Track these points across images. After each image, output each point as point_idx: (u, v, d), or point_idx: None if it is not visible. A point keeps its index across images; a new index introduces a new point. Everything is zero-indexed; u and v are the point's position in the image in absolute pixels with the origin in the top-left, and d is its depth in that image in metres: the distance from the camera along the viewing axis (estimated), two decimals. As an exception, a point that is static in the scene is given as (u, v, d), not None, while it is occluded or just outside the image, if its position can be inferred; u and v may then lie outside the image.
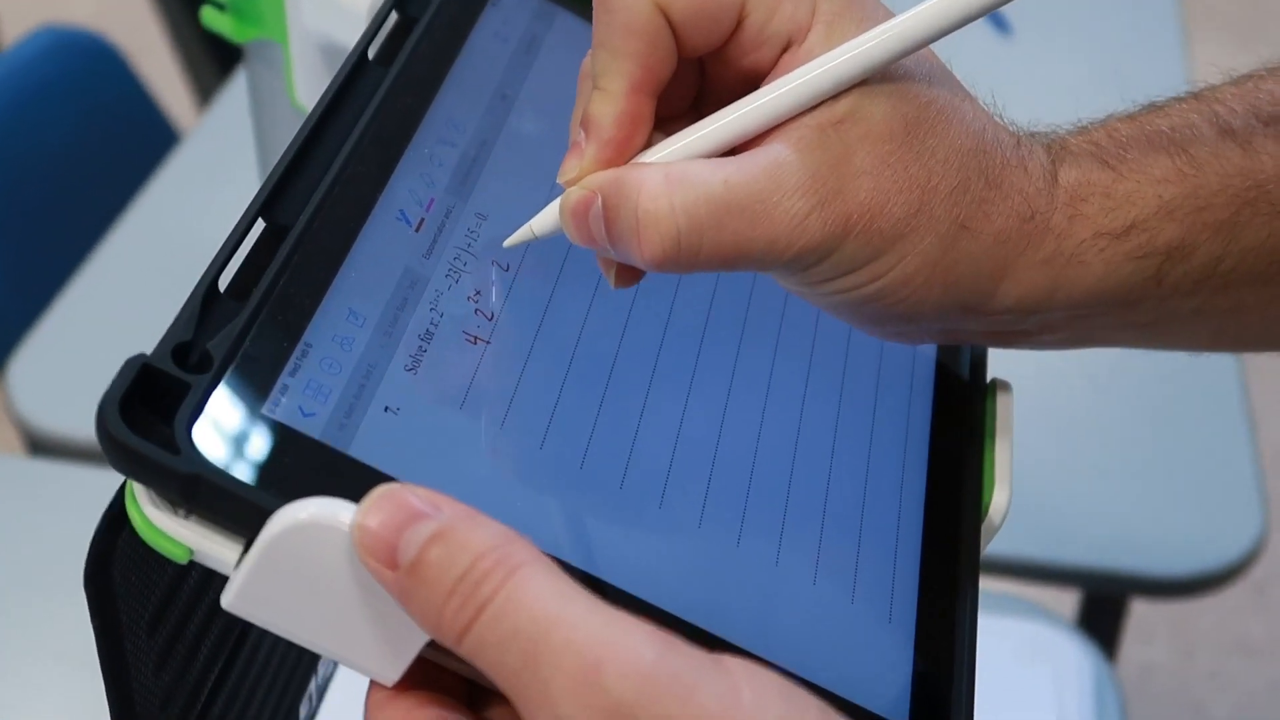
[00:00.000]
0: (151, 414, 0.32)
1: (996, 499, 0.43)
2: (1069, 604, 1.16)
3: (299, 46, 0.77)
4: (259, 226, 0.37)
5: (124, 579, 0.34)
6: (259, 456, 0.33)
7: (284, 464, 0.33)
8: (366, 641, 0.32)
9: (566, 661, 0.28)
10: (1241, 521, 0.94)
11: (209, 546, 0.32)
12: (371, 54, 0.42)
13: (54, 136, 1.23)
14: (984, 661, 0.39)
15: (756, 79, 0.38)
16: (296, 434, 0.33)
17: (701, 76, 0.40)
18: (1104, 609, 1.08)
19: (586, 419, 0.39)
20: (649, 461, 0.39)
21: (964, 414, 0.45)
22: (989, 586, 0.85)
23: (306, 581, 0.31)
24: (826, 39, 0.37)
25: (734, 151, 0.37)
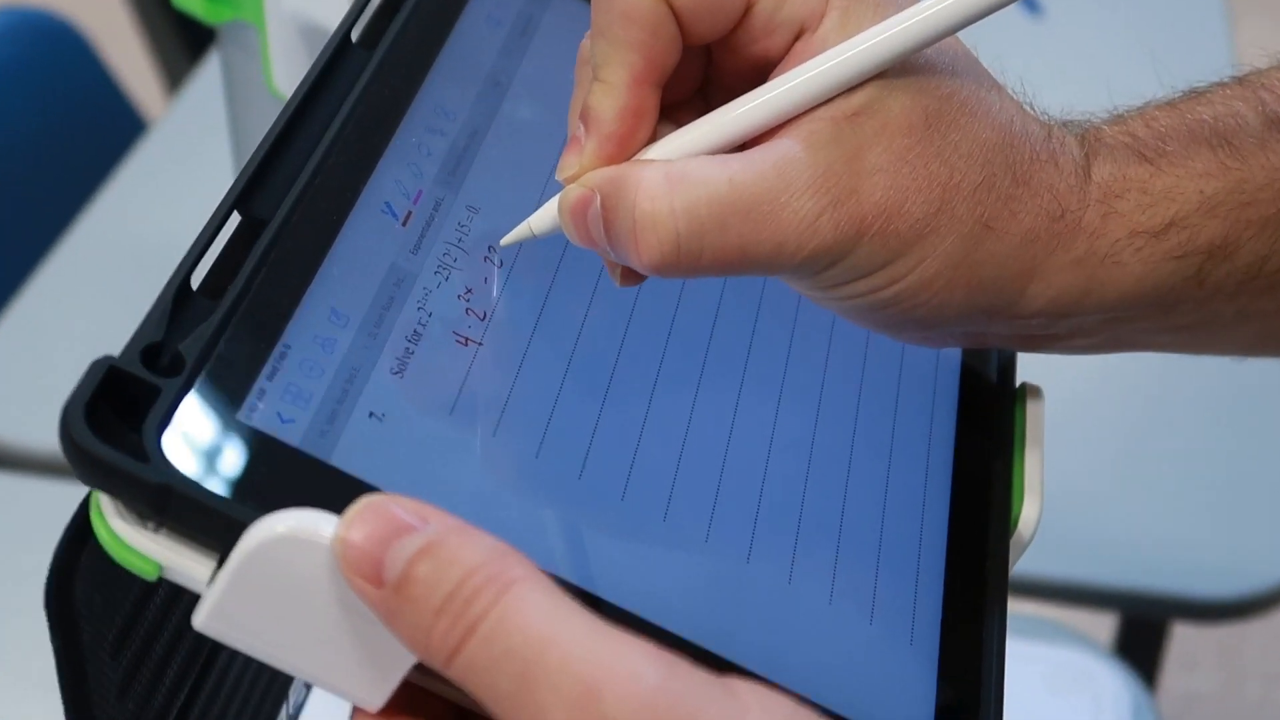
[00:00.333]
0: (119, 420, 0.32)
1: (1026, 512, 0.43)
2: (1106, 628, 1.16)
3: (276, 28, 0.77)
4: (234, 220, 0.37)
5: (87, 597, 0.34)
6: (234, 465, 0.33)
7: (261, 474, 0.33)
8: (349, 664, 0.32)
9: (564, 685, 0.28)
10: (1292, 539, 0.94)
11: (180, 562, 0.32)
12: (355, 36, 0.42)
13: (12, 125, 1.24)
14: (1013, 690, 0.39)
15: (767, 67, 0.38)
16: (274, 441, 0.34)
17: (708, 63, 0.40)
18: (1144, 634, 1.08)
19: (585, 426, 0.39)
20: (652, 471, 0.39)
21: (991, 421, 0.46)
22: (1019, 608, 0.85)
23: (284, 599, 0.31)
24: (842, 26, 0.37)
25: (744, 148, 0.37)
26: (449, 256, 0.40)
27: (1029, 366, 0.47)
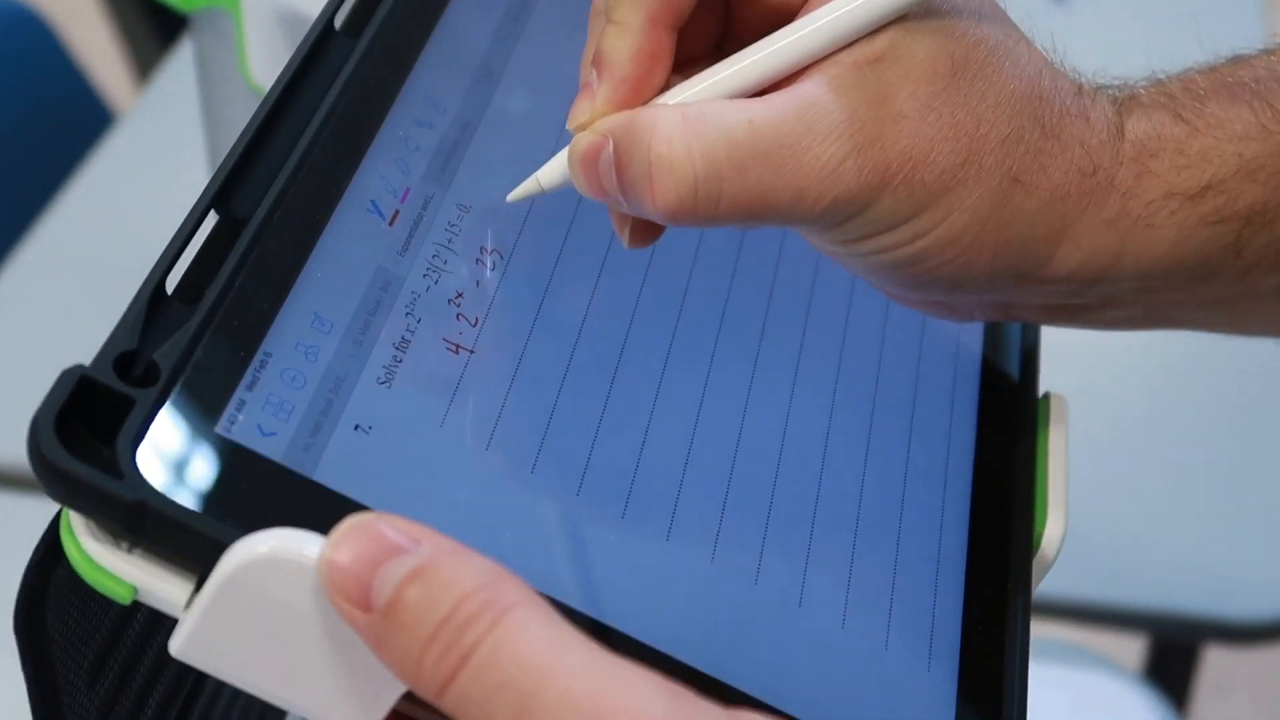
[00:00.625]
0: (91, 433, 0.32)
1: (1050, 530, 0.43)
2: (1134, 652, 1.16)
3: (253, 15, 0.77)
4: (211, 220, 0.37)
5: (59, 622, 0.34)
6: (212, 482, 0.33)
7: (241, 490, 0.33)
8: (335, 693, 0.32)
9: (564, 717, 0.28)
10: (1333, 557, 0.94)
11: (156, 585, 0.32)
12: (338, 23, 0.43)
13: (-28, 117, 1.24)
14: (1038, 717, 0.39)
15: (787, 15, 0.39)
16: (255, 456, 0.34)
17: (726, 14, 0.40)
18: (1175, 658, 1.08)
19: (584, 438, 0.39)
20: (655, 487, 0.39)
21: (1013, 432, 0.46)
22: (1043, 631, 0.85)
23: (267, 625, 0.31)
24: None
25: (762, 94, 0.38)
26: (439, 258, 0.40)
27: (1052, 371, 0.47)
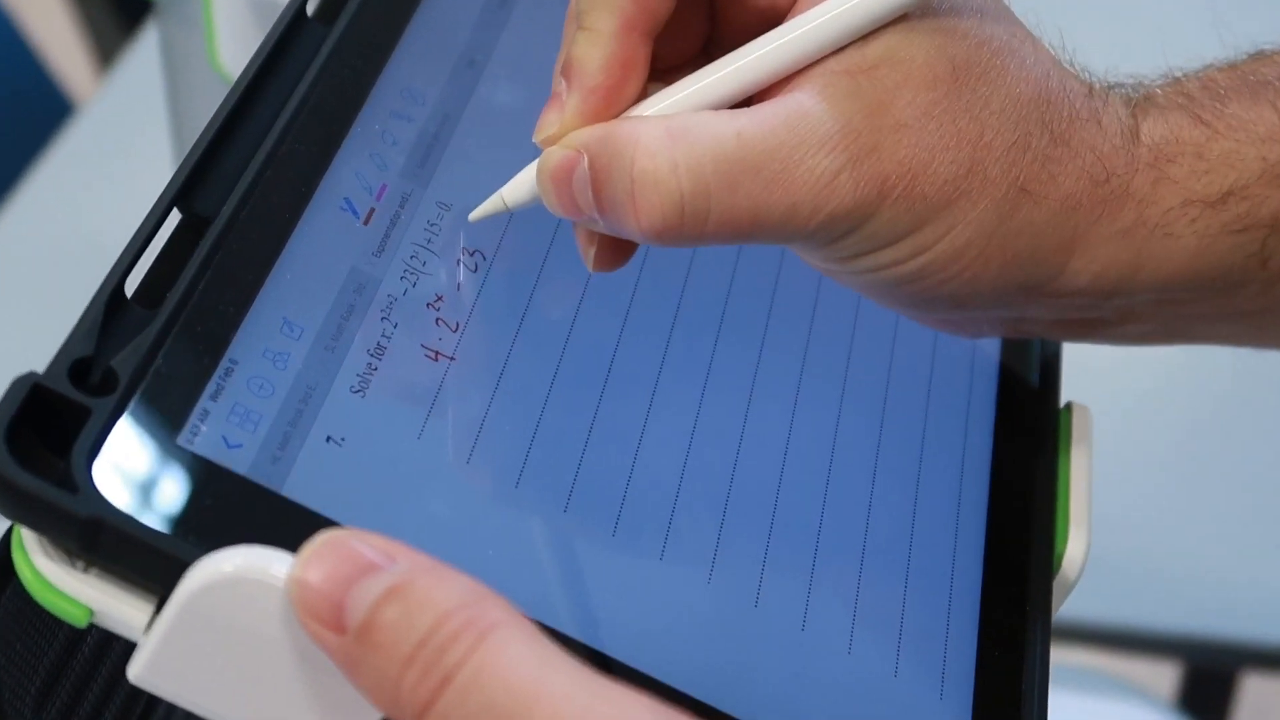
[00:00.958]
0: (44, 445, 0.33)
1: (1072, 549, 0.43)
2: (1167, 679, 1.16)
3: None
4: (174, 218, 0.37)
5: (7, 644, 0.35)
6: (174, 497, 0.33)
7: (204, 506, 0.33)
8: (305, 721, 0.32)
9: (550, 742, 0.29)
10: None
11: (113, 606, 0.32)
12: (310, 9, 0.43)
13: (-80, 108, 1.24)
14: (1059, 749, 0.40)
15: (776, 19, 0.39)
16: (219, 469, 0.34)
17: (711, 18, 0.40)
18: (1210, 686, 1.08)
19: (572, 451, 0.39)
20: (649, 503, 0.39)
21: (1032, 445, 0.46)
22: (1065, 657, 0.85)
23: (232, 649, 0.32)
24: None
25: (749, 104, 0.38)
26: (417, 259, 0.40)
27: (1074, 377, 0.47)
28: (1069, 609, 0.45)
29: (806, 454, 0.42)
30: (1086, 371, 0.44)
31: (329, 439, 0.36)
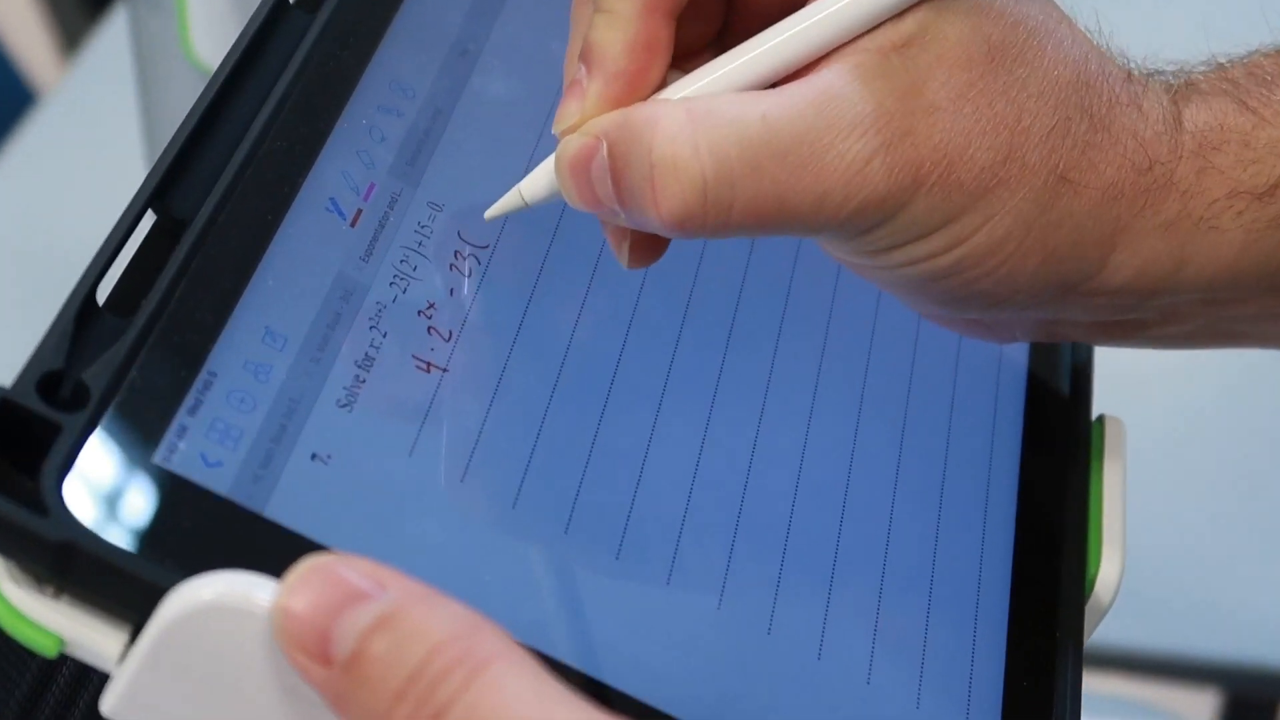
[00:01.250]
0: (11, 463, 0.33)
1: (1105, 571, 0.43)
2: (1205, 709, 1.16)
3: (197, -17, 0.77)
4: (148, 221, 0.37)
5: (-26, 678, 0.35)
6: (150, 518, 0.33)
7: (182, 528, 0.33)
8: (289, 759, 0.32)
9: (550, 784, 0.29)
10: None
11: (86, 635, 0.32)
12: (293, -4, 0.43)
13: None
14: (1092, 783, 0.40)
15: (795, 6, 0.39)
16: (198, 489, 0.34)
17: (729, 1, 0.40)
18: (1254, 715, 1.08)
19: (573, 469, 0.39)
20: (655, 524, 0.39)
21: (1063, 460, 0.46)
22: (1099, 686, 0.85)
23: (211, 681, 0.32)
24: None
25: (776, 87, 0.38)
26: (407, 264, 0.40)
27: (1107, 386, 0.47)
28: (1102, 634, 0.45)
29: (822, 471, 0.42)
30: (1120, 380, 0.44)
31: (314, 456, 0.36)
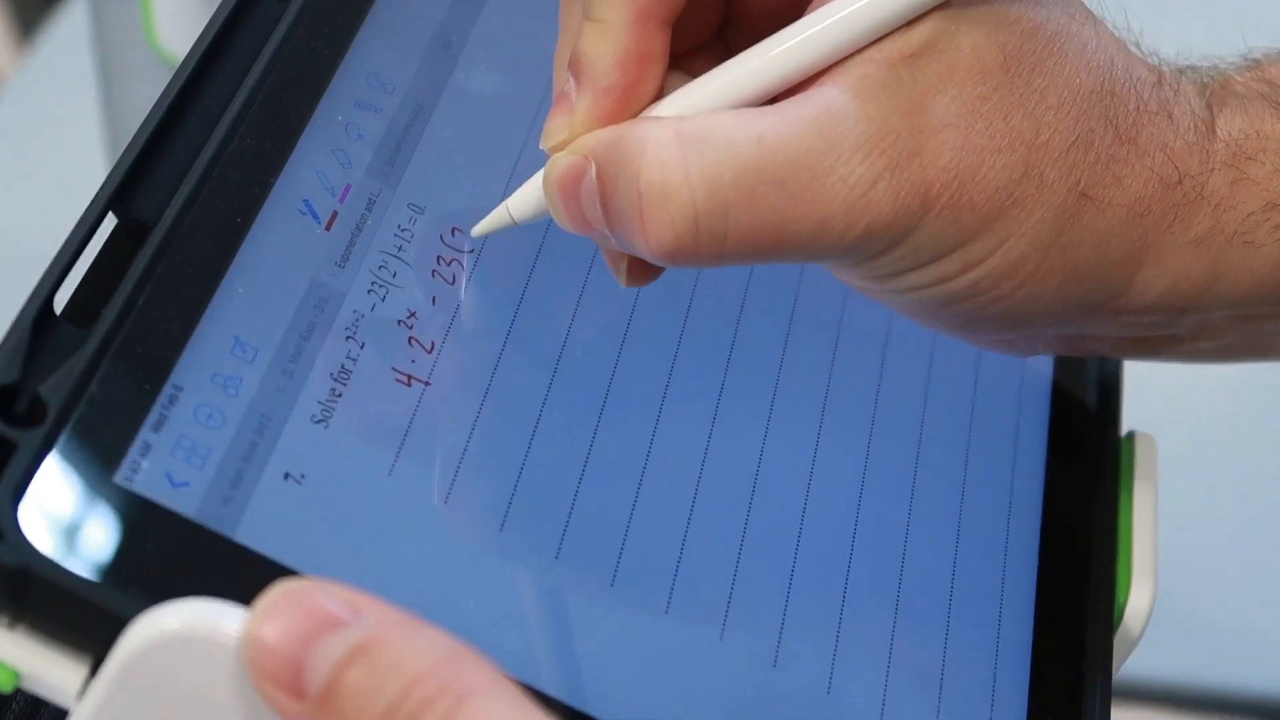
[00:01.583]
0: (-39, 485, 0.33)
1: (1135, 599, 0.43)
2: (1243, 746, 1.16)
3: (161, -31, 0.77)
4: (109, 224, 0.38)
5: (-77, 713, 0.35)
6: (111, 543, 0.33)
7: (146, 553, 0.33)
8: (259, 799, 0.32)
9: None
10: None
11: (42, 668, 0.32)
12: (265, -17, 0.43)
13: None
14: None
15: (800, 1, 0.39)
16: (163, 511, 0.34)
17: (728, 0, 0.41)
18: (1292, 753, 1.08)
19: (565, 489, 0.39)
20: (652, 549, 0.39)
21: (1090, 481, 0.46)
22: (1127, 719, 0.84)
23: (177, 716, 0.32)
24: None
25: (775, 101, 0.38)
26: (386, 270, 0.40)
27: (1137, 401, 0.47)
28: (1132, 667, 0.45)
29: (832, 491, 0.42)
30: (1151, 394, 0.44)
31: (287, 476, 0.36)
